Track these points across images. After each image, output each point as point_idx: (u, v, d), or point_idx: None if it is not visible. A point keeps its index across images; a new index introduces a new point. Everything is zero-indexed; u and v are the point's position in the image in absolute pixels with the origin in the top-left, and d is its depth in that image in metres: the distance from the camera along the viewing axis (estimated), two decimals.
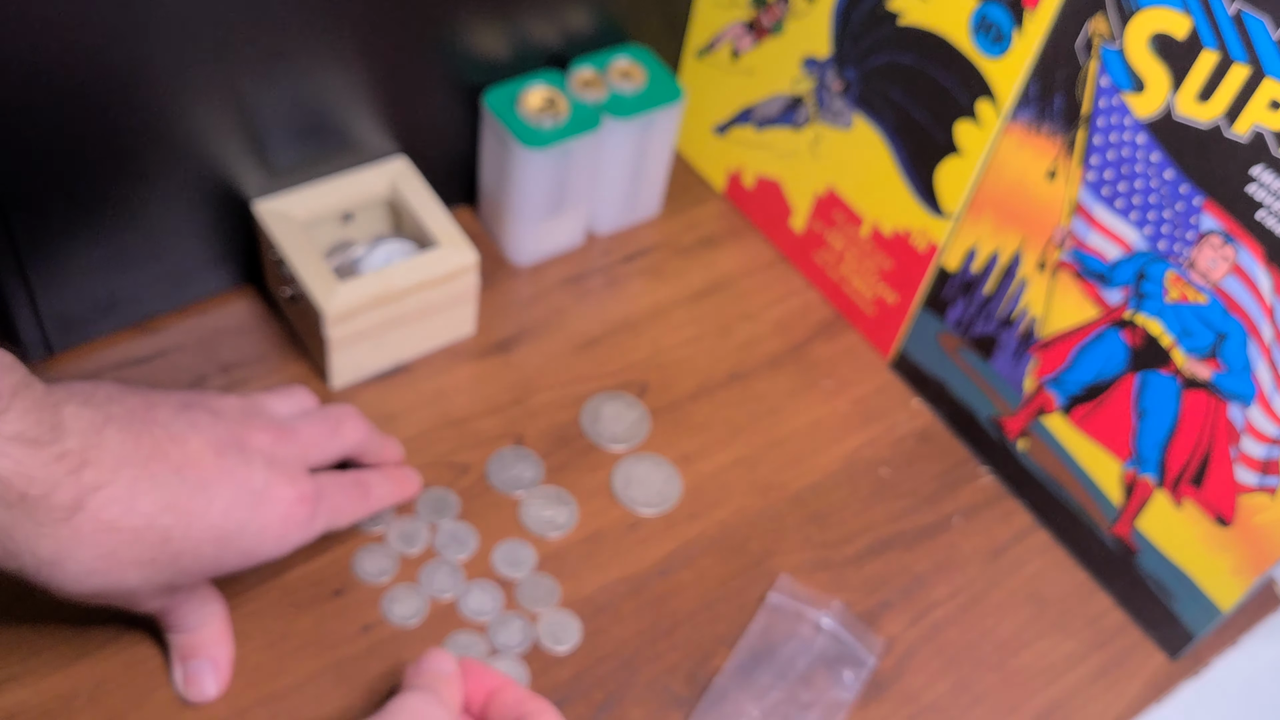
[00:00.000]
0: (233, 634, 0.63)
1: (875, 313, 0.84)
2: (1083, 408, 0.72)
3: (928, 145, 0.75)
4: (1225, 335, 0.63)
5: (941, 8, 0.70)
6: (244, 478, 0.56)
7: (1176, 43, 0.60)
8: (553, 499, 0.73)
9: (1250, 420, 0.64)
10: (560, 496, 0.73)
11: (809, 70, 0.81)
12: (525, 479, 0.73)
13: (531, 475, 0.73)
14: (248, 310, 0.78)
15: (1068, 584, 0.75)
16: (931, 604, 0.73)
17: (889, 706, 0.68)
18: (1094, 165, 0.66)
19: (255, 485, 0.57)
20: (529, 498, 0.72)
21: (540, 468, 0.74)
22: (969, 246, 0.75)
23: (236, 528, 0.56)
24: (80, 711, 0.61)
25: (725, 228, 0.91)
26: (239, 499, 0.56)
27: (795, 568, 0.73)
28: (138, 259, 0.73)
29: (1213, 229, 0.62)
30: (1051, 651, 0.72)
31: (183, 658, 0.61)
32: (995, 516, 0.78)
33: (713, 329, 0.84)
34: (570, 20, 0.81)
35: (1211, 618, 0.70)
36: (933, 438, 0.81)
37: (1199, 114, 0.60)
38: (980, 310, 0.76)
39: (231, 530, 0.56)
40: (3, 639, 0.63)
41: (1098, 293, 0.69)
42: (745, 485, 0.76)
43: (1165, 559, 0.71)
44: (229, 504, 0.55)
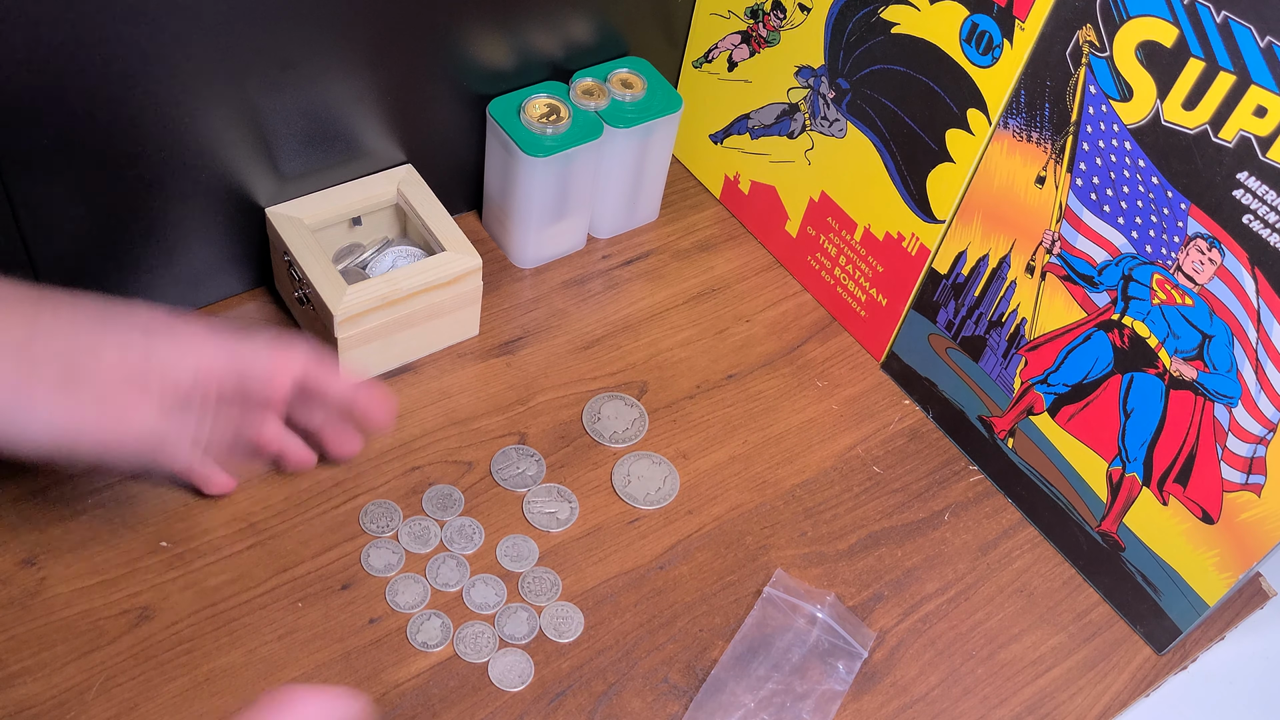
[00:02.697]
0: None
1: (867, 315, 0.85)
2: (1070, 407, 0.73)
3: (919, 152, 0.76)
4: (1211, 336, 0.64)
5: (933, 18, 0.71)
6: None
7: (1164, 51, 0.61)
8: (554, 495, 0.74)
9: (1235, 419, 0.65)
10: (562, 493, 0.74)
11: (803, 79, 0.82)
12: (528, 476, 0.74)
13: (534, 472, 0.75)
14: (259, 312, 0.79)
15: (1056, 579, 0.76)
16: (922, 598, 0.74)
17: (881, 698, 0.69)
18: (1082, 171, 0.67)
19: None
20: (532, 494, 0.74)
21: (542, 465, 0.75)
22: (959, 250, 0.76)
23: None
24: (92, 704, 0.62)
25: (722, 232, 0.92)
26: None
27: (790, 562, 0.74)
28: (153, 264, 0.74)
29: (1198, 233, 0.63)
30: (1040, 645, 0.73)
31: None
32: (984, 513, 0.79)
33: (710, 331, 0.85)
34: (572, 32, 0.82)
35: (1197, 613, 0.71)
36: (923, 436, 0.82)
37: (1186, 121, 0.61)
38: (970, 312, 0.77)
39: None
40: (16, 633, 0.64)
41: (1085, 295, 0.70)
42: (741, 482, 0.77)
43: (1152, 555, 0.72)
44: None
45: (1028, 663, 0.72)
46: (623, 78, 0.84)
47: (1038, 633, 0.74)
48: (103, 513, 0.68)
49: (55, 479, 0.69)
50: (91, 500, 0.69)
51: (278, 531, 0.69)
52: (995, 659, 0.72)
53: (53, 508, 0.68)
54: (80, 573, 0.66)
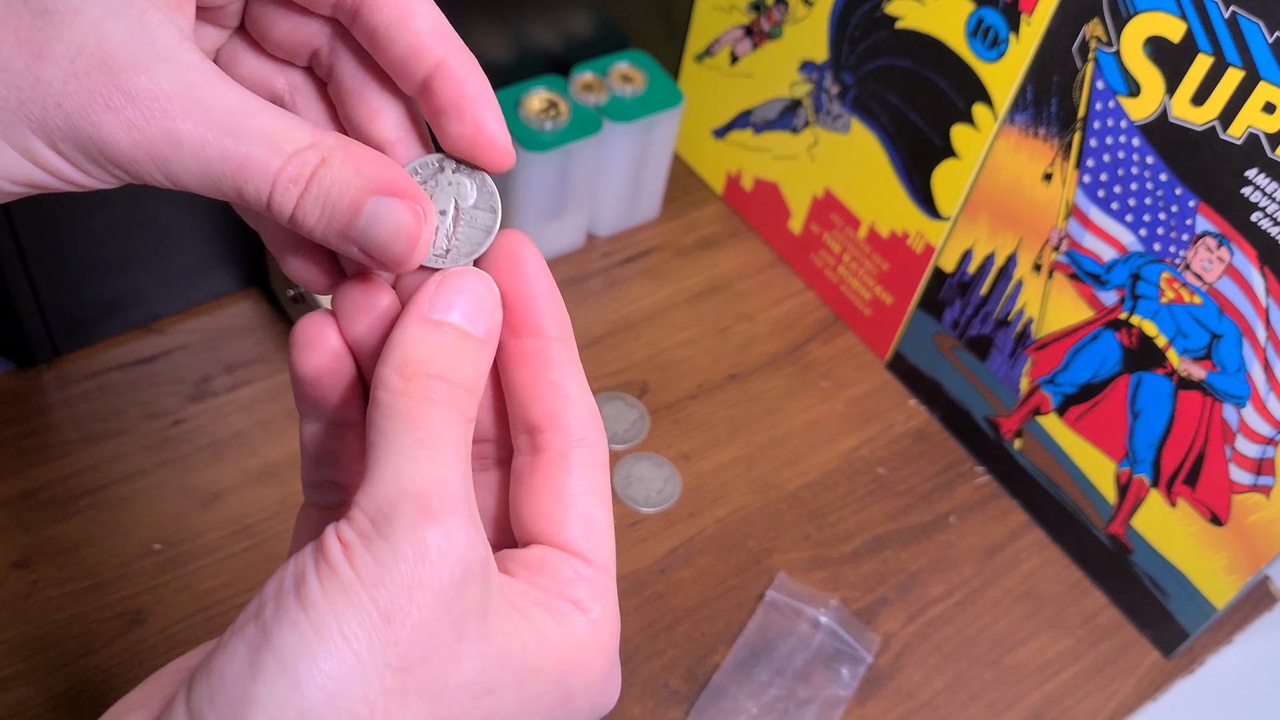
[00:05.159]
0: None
1: (872, 314, 0.84)
2: (1078, 408, 0.72)
3: (924, 148, 0.75)
4: (1220, 336, 0.64)
5: (938, 12, 0.71)
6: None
7: (1172, 46, 0.60)
8: None
9: (1244, 420, 0.64)
10: None
11: (807, 74, 0.82)
12: None
13: None
14: (252, 311, 0.79)
15: (1063, 582, 0.76)
16: (928, 602, 0.73)
17: (886, 703, 0.68)
18: (1090, 168, 0.66)
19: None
20: None
21: None
22: (965, 248, 0.75)
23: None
24: (85, 708, 0.61)
25: (724, 230, 0.92)
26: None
27: (793, 566, 0.73)
28: (143, 261, 0.73)
29: (1207, 231, 0.62)
30: (1047, 649, 0.73)
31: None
32: (991, 515, 0.78)
33: (712, 330, 0.85)
34: (571, 25, 0.82)
35: (1206, 616, 0.71)
36: (929, 437, 0.81)
37: (1194, 117, 0.61)
38: (976, 311, 0.76)
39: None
40: (8, 636, 0.63)
41: (1093, 294, 0.69)
42: (744, 484, 0.77)
43: (1160, 557, 0.72)
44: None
45: (1035, 667, 0.72)
46: (623, 72, 0.83)
47: (1045, 637, 0.73)
48: (95, 515, 0.68)
49: (47, 481, 0.69)
50: (84, 502, 0.68)
51: (272, 534, 0.69)
52: (1002, 663, 0.71)
53: (45, 510, 0.68)
54: (73, 575, 0.66)
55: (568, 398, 0.36)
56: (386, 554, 0.29)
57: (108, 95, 0.30)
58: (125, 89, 0.30)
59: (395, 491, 0.30)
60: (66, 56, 0.29)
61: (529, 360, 0.36)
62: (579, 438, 0.36)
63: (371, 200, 0.32)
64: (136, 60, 0.30)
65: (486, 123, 0.34)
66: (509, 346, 0.36)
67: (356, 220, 0.32)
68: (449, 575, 0.29)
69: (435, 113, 0.34)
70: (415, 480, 0.30)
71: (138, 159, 0.30)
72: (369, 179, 0.32)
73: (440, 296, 0.34)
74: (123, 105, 0.30)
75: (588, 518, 0.35)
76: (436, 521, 0.29)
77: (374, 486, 0.30)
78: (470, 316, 0.34)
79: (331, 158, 0.32)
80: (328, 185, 0.32)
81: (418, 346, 0.33)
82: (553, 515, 0.35)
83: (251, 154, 0.31)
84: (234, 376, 0.75)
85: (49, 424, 0.71)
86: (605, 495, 0.36)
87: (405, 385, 0.32)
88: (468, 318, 0.34)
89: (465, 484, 0.31)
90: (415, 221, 0.33)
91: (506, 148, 0.35)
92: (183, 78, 0.30)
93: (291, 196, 0.32)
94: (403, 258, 0.33)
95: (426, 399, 0.32)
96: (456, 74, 0.34)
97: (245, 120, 0.31)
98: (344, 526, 0.30)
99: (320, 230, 0.33)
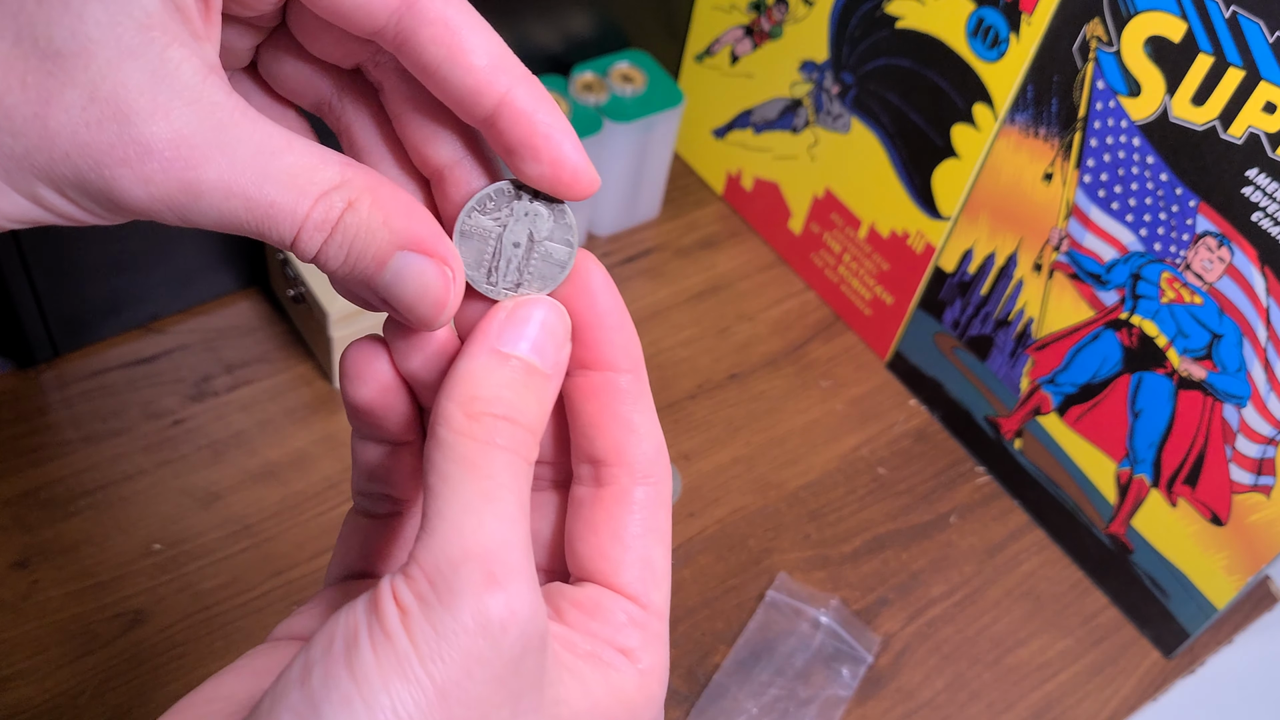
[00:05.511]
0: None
1: (872, 313, 0.84)
2: (1078, 408, 0.72)
3: (925, 148, 0.75)
4: (1220, 336, 0.64)
5: (938, 12, 0.71)
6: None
7: (1172, 46, 0.60)
8: None
9: (1245, 420, 0.64)
10: None
11: (807, 74, 0.81)
12: None
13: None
14: (252, 311, 0.79)
15: (1063, 582, 0.76)
16: (928, 601, 0.73)
17: (886, 703, 0.68)
18: (1090, 168, 0.66)
19: None
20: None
21: None
22: (965, 248, 0.75)
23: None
24: (85, 708, 0.61)
25: (724, 229, 0.92)
26: None
27: (793, 566, 0.73)
28: (143, 261, 0.73)
29: (1208, 231, 0.62)
30: (1047, 649, 0.72)
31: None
32: (991, 515, 0.78)
33: (712, 329, 0.85)
34: (571, 25, 0.82)
35: (1206, 616, 0.70)
36: (929, 437, 0.81)
37: (1194, 117, 0.61)
38: (976, 311, 0.76)
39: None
40: (8, 636, 0.63)
41: (1093, 294, 0.69)
42: (744, 484, 0.77)
43: (1160, 557, 0.71)
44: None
45: (1035, 667, 0.71)
46: (623, 72, 0.83)
47: (1045, 637, 0.73)
48: (95, 515, 0.68)
49: (47, 481, 0.69)
50: (84, 502, 0.68)
51: (272, 534, 0.69)
52: (1002, 663, 0.71)
53: (45, 510, 0.68)
54: (73, 575, 0.66)
55: (635, 432, 0.34)
56: (447, 624, 0.27)
57: (122, 147, 0.27)
58: (141, 140, 0.27)
59: (458, 552, 0.28)
60: (78, 104, 0.27)
61: (597, 393, 0.34)
62: (644, 474, 0.34)
63: (398, 256, 0.30)
64: (155, 105, 0.27)
65: (566, 157, 0.31)
66: (577, 378, 0.34)
67: (381, 274, 0.30)
68: (509, 649, 0.27)
69: (506, 151, 0.32)
70: (479, 541, 0.28)
71: (154, 210, 0.28)
72: (397, 232, 0.30)
73: (510, 327, 0.32)
74: (138, 159, 0.27)
75: (646, 561, 0.33)
76: (501, 590, 0.27)
77: (435, 542, 0.28)
78: (540, 350, 0.32)
79: (359, 203, 0.30)
80: (354, 233, 0.30)
81: (484, 382, 0.31)
82: (611, 555, 0.33)
83: (276, 200, 0.29)
84: (234, 376, 0.75)
85: (49, 424, 0.71)
86: (666, 536, 0.34)
87: (470, 425, 0.30)
88: (537, 351, 0.32)
89: (528, 543, 0.29)
90: (443, 285, 0.31)
91: (591, 178, 0.32)
92: (206, 120, 0.28)
93: (316, 242, 0.30)
94: (426, 321, 0.31)
95: (492, 443, 0.30)
96: (523, 110, 0.31)
97: (270, 162, 0.29)
98: (402, 587, 0.28)
99: (343, 276, 0.31)
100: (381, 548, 0.38)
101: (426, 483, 0.30)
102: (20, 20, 0.27)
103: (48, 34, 0.27)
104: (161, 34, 0.27)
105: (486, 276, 0.33)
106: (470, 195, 0.33)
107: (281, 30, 0.33)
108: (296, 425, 0.74)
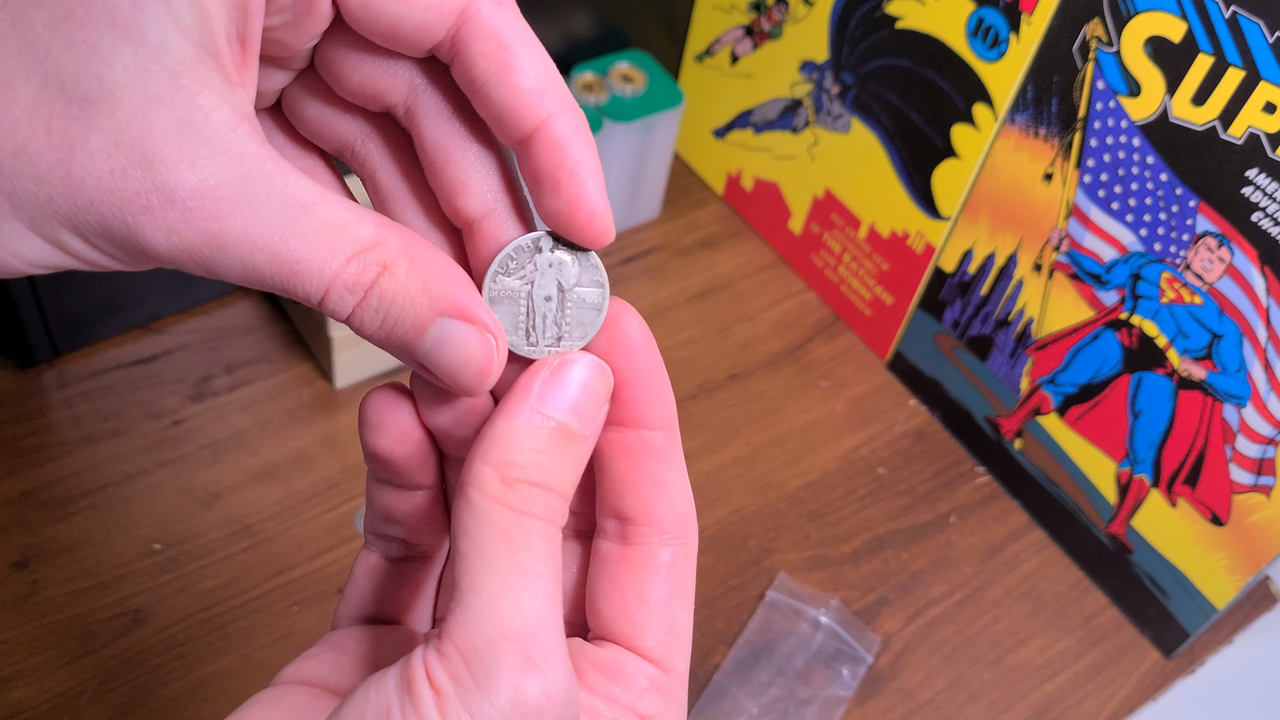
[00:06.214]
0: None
1: (872, 314, 0.84)
2: (1078, 408, 0.72)
3: (925, 148, 0.75)
4: (1220, 336, 0.64)
5: (938, 12, 0.71)
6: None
7: (1172, 46, 0.60)
8: None
9: (1245, 420, 0.64)
10: None
11: (807, 74, 0.81)
12: None
13: None
14: (252, 311, 0.79)
15: (1063, 582, 0.76)
16: (928, 602, 0.73)
17: (886, 703, 0.68)
18: (1090, 168, 0.66)
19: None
20: None
21: None
22: (965, 248, 0.75)
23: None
24: (85, 708, 0.61)
25: (724, 229, 0.92)
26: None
27: (793, 566, 0.73)
28: None
29: (1208, 231, 0.62)
30: (1047, 649, 0.72)
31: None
32: (991, 515, 0.78)
33: (712, 329, 0.85)
34: (571, 25, 0.82)
35: (1206, 616, 0.70)
36: (929, 437, 0.81)
37: (1194, 117, 0.61)
38: (976, 311, 0.76)
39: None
40: (8, 636, 0.63)
41: (1093, 294, 0.69)
42: (744, 484, 0.77)
43: (1160, 557, 0.71)
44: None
45: (1035, 667, 0.71)
46: (623, 72, 0.83)
47: (1045, 637, 0.73)
48: (95, 515, 0.68)
49: (47, 481, 0.69)
50: (84, 502, 0.68)
51: (273, 534, 0.69)
52: (1002, 663, 0.71)
53: (45, 510, 0.68)
54: (73, 575, 0.66)
55: (666, 491, 0.33)
56: (484, 710, 0.26)
57: (146, 195, 0.26)
58: (165, 188, 0.26)
59: (495, 632, 0.27)
60: (103, 151, 0.26)
61: (630, 451, 0.33)
62: (673, 535, 0.33)
63: (438, 323, 0.29)
64: (182, 154, 0.26)
65: (586, 198, 0.30)
66: (611, 435, 0.33)
67: (421, 342, 0.29)
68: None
69: (532, 180, 0.31)
70: (517, 621, 0.27)
71: (177, 259, 0.27)
72: (437, 298, 0.29)
73: (552, 388, 0.30)
74: (161, 207, 0.26)
75: (671, 624, 0.33)
76: (539, 674, 0.27)
77: (470, 620, 0.27)
78: (580, 412, 0.31)
79: (396, 266, 0.29)
80: (391, 299, 0.29)
81: (522, 446, 0.29)
82: (635, 618, 0.32)
83: (303, 258, 0.28)
84: (234, 376, 0.75)
85: (49, 424, 0.71)
86: (690, 598, 0.33)
87: (505, 492, 0.29)
88: (577, 413, 0.31)
89: (561, 619, 0.29)
90: (486, 353, 0.30)
91: (606, 226, 0.31)
92: (234, 171, 0.27)
93: (348, 304, 0.28)
94: (470, 389, 0.30)
95: (528, 511, 0.29)
96: (558, 138, 0.30)
97: (298, 216, 0.27)
98: (436, 666, 0.27)
99: (379, 341, 0.30)
100: (401, 596, 0.37)
101: (457, 548, 0.29)
102: (47, 64, 0.26)
103: (74, 79, 0.26)
104: (191, 81, 0.26)
105: (526, 338, 0.32)
106: (504, 246, 0.32)
107: (310, 70, 0.32)
108: (297, 425, 0.74)
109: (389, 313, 0.29)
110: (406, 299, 0.29)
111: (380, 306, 0.29)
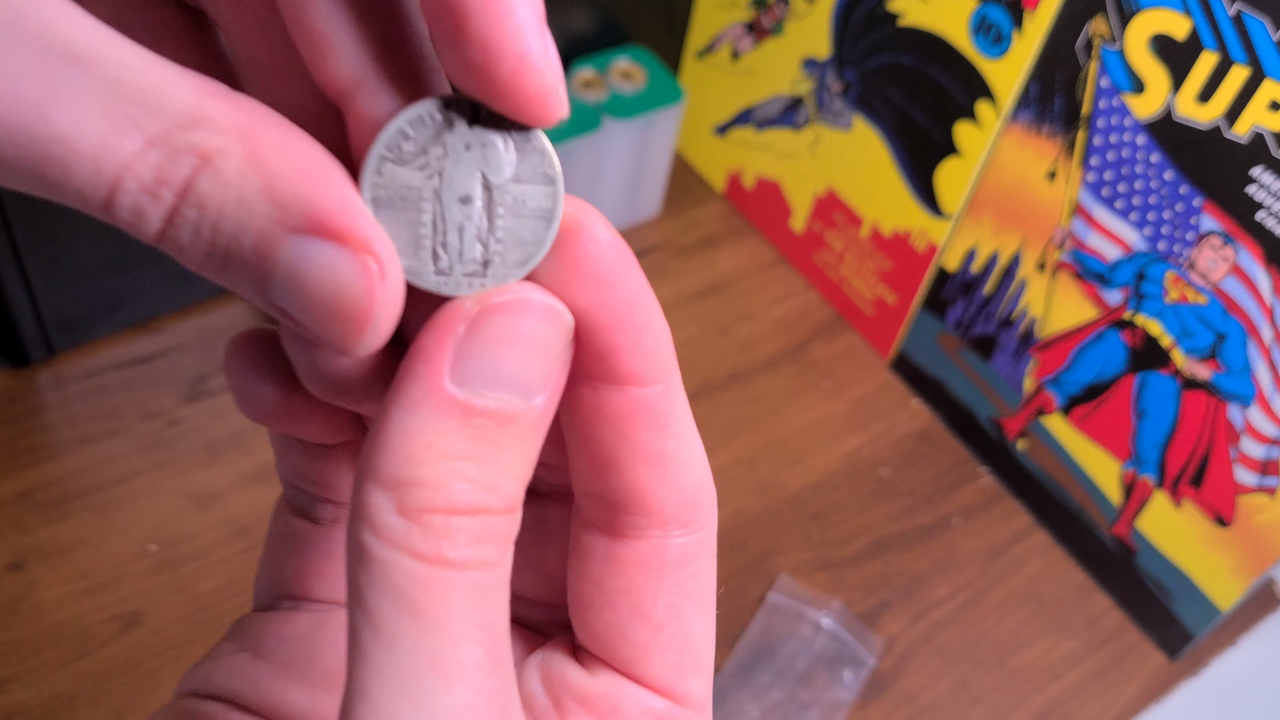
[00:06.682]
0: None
1: (875, 313, 0.84)
2: (1082, 408, 0.72)
3: (927, 146, 0.75)
4: (1225, 336, 0.63)
5: (941, 9, 0.70)
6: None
7: (1177, 44, 0.60)
8: None
9: (1250, 421, 0.64)
10: None
11: (809, 71, 0.81)
12: None
13: None
14: (249, 310, 0.78)
15: (1067, 584, 0.75)
16: (931, 604, 0.73)
17: (889, 706, 0.68)
18: (1094, 166, 0.66)
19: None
20: None
21: None
22: (969, 247, 0.75)
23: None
24: (81, 711, 0.61)
25: (725, 228, 0.91)
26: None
27: (795, 568, 0.73)
28: (140, 259, 0.73)
29: (1212, 230, 0.62)
30: (1051, 651, 0.72)
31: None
32: (995, 517, 0.78)
33: (713, 329, 0.84)
34: (570, 21, 0.81)
35: (1211, 618, 0.70)
36: (932, 438, 0.81)
37: (1199, 115, 0.60)
38: (980, 311, 0.76)
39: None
40: (4, 639, 0.63)
41: (1097, 293, 0.69)
42: (745, 485, 0.76)
43: (1164, 559, 0.71)
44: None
45: (1038, 670, 0.71)
46: (623, 69, 0.82)
47: (1049, 639, 0.72)
48: (91, 516, 0.67)
49: (42, 482, 0.68)
50: (79, 503, 0.68)
51: None
52: (1005, 666, 0.71)
53: (40, 511, 0.67)
54: (68, 577, 0.65)
55: (667, 465, 0.24)
56: None
57: None
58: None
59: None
60: None
61: (612, 417, 0.23)
62: (681, 519, 0.24)
63: (289, 242, 0.18)
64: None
65: (514, 36, 0.19)
66: (583, 393, 0.23)
67: (271, 274, 0.19)
68: None
69: (432, 15, 0.19)
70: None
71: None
72: (284, 203, 0.18)
73: (473, 354, 0.20)
74: None
75: (682, 640, 0.24)
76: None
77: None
78: (522, 382, 0.21)
79: (223, 155, 0.18)
80: (216, 205, 0.18)
81: (431, 453, 0.20)
82: (634, 638, 0.24)
83: (68, 136, 0.17)
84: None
85: (44, 424, 0.71)
86: (709, 601, 0.25)
87: (408, 532, 0.19)
88: (518, 385, 0.21)
89: (512, 708, 0.20)
90: (365, 287, 0.19)
91: (548, 83, 0.19)
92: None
93: (151, 215, 0.18)
94: (345, 345, 0.19)
95: (444, 561, 0.20)
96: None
97: (67, 73, 0.17)
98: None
99: (215, 275, 0.19)
100: (319, 569, 0.29)
101: (350, 622, 0.20)
102: None
103: None
104: None
105: (433, 261, 0.21)
106: (382, 122, 0.21)
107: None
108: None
109: (216, 229, 0.18)
110: (240, 206, 0.18)
111: (202, 219, 0.18)
